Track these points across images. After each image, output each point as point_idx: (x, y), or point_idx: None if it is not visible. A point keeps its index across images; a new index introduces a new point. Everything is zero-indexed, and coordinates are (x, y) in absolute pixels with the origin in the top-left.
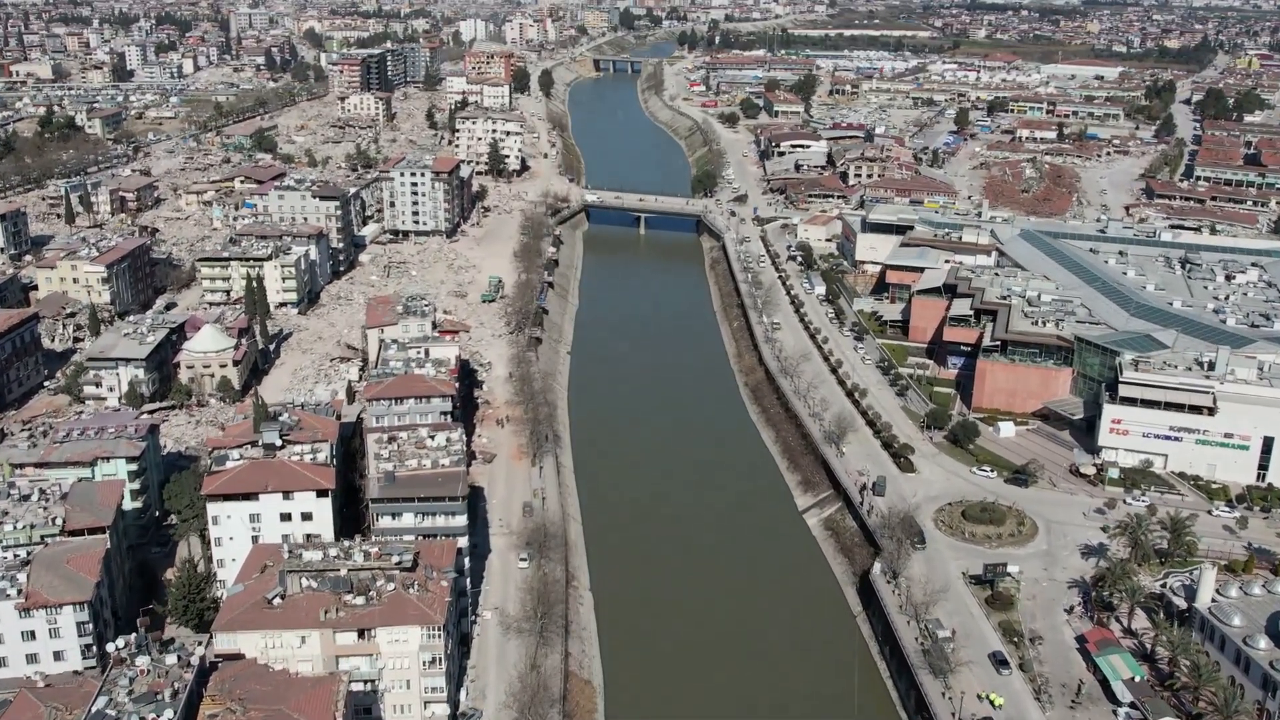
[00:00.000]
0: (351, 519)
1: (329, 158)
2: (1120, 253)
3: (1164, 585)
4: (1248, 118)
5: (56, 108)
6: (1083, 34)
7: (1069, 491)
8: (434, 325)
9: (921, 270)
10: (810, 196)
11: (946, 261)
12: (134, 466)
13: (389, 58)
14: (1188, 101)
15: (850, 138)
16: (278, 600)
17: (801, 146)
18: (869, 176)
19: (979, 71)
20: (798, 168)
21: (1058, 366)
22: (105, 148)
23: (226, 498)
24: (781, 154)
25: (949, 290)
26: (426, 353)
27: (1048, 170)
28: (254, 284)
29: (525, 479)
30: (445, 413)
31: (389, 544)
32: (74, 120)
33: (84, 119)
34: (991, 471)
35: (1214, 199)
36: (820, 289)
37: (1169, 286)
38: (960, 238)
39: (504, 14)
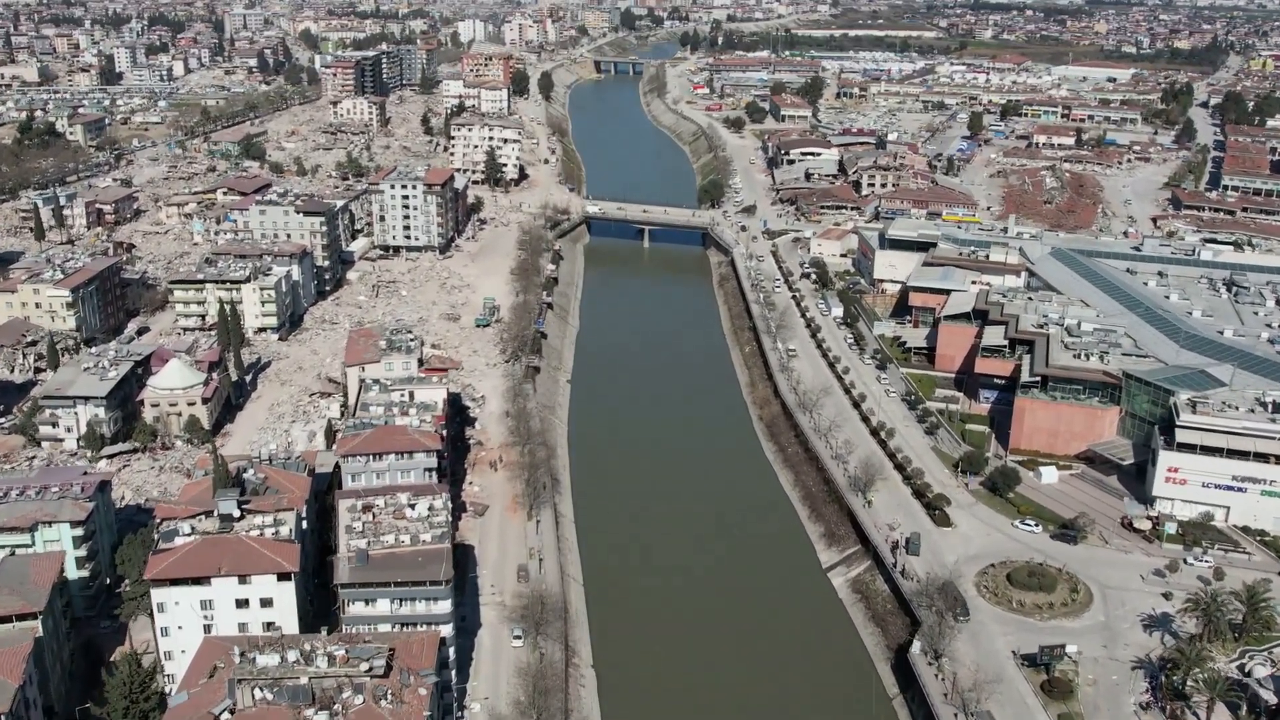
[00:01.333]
0: (325, 588)
1: (318, 166)
2: (1159, 273)
3: (1243, 669)
4: (1270, 122)
5: (40, 112)
6: (1090, 34)
7: (1123, 549)
8: (420, 362)
9: (947, 293)
10: (823, 208)
11: (974, 282)
12: (80, 531)
13: (384, 60)
14: (1205, 105)
15: (861, 144)
16: (226, 716)
17: (812, 154)
18: (883, 186)
19: (988, 73)
20: (808, 176)
21: (1103, 405)
22: (86, 155)
23: (174, 582)
24: (791, 162)
25: (979, 316)
26: (411, 396)
27: (1068, 179)
28: (228, 311)
29: (521, 535)
30: (430, 470)
31: (358, 648)
32: (54, 126)
33: (64, 125)
34: (1035, 525)
35: (1244, 210)
36: (837, 310)
37: (1217, 312)
38: (987, 256)
39: (503, 14)
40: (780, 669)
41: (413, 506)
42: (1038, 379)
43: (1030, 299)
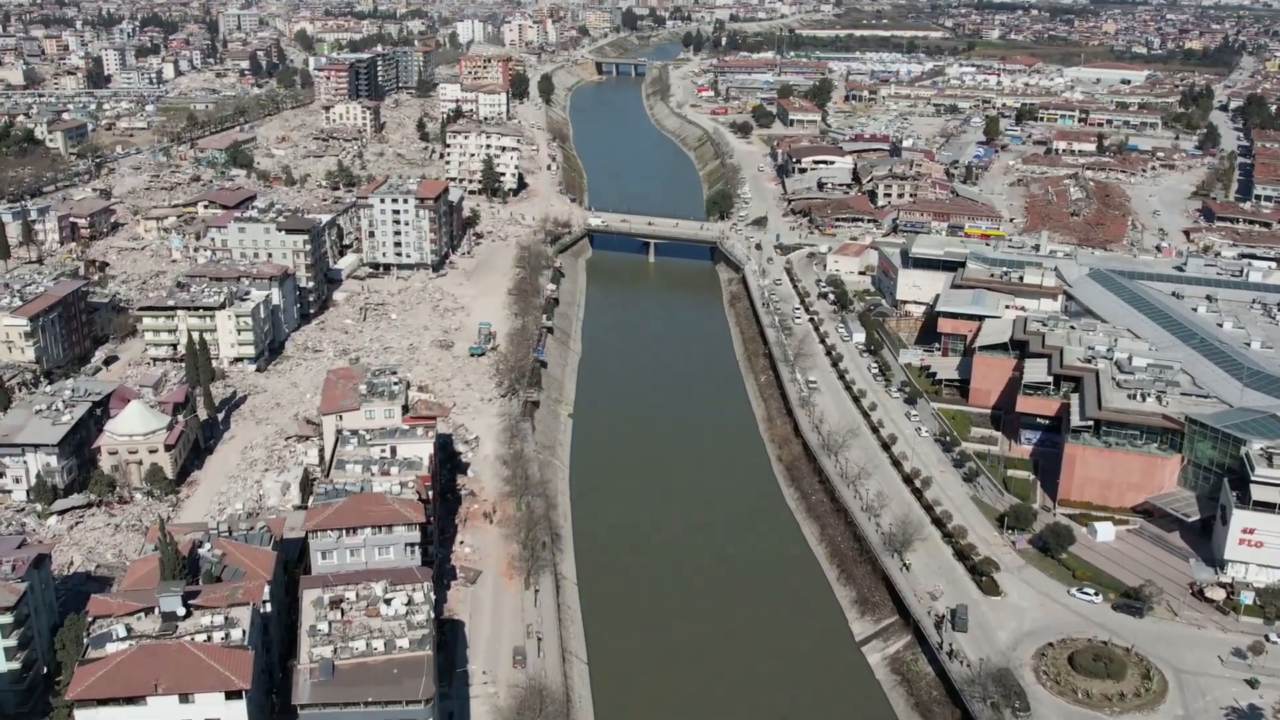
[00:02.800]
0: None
1: (308, 175)
2: (1208, 297)
3: None
4: None
5: (23, 116)
6: (1099, 34)
7: (1195, 623)
8: (405, 408)
9: (979, 319)
10: (837, 220)
11: (1007, 307)
12: (9, 618)
13: (379, 62)
14: (1224, 108)
15: (874, 150)
16: None
17: (824, 163)
18: (899, 196)
19: (999, 75)
20: (821, 186)
21: (1163, 453)
22: (66, 164)
23: (102, 702)
24: (803, 170)
25: (1016, 347)
26: (393, 452)
27: (1093, 189)
28: (197, 345)
29: (517, 607)
30: (412, 545)
31: None
32: (33, 133)
33: (44, 131)
34: (1095, 594)
35: None
36: (859, 336)
37: (1277, 344)
38: (1021, 278)
39: (503, 14)
40: None
41: (388, 601)
42: (1091, 423)
43: (1073, 328)
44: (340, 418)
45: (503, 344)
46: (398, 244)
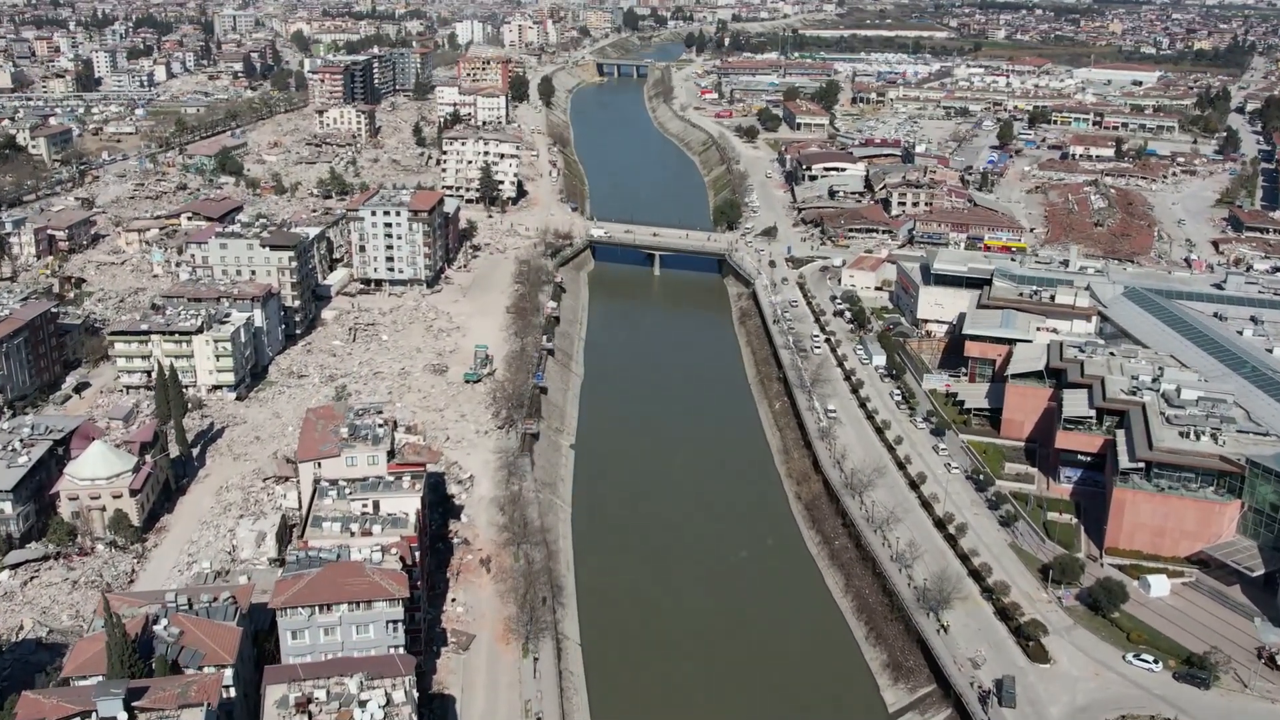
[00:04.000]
0: None
1: (299, 183)
2: (1252, 319)
3: None
4: None
5: (8, 121)
6: (1106, 34)
7: (1268, 695)
8: (391, 453)
9: (1010, 342)
10: (851, 231)
11: (1039, 329)
12: None
13: (375, 64)
14: (1241, 110)
15: (886, 156)
16: None
17: (835, 169)
18: (914, 205)
19: (1008, 76)
20: (832, 194)
21: (1221, 498)
22: (49, 171)
23: None
24: (813, 177)
25: (1052, 375)
26: (376, 507)
27: (1115, 196)
28: (168, 376)
29: (514, 678)
30: (394, 622)
31: None
32: (15, 139)
33: (26, 138)
34: (1153, 661)
35: None
36: (879, 359)
37: None
38: (1053, 297)
39: (503, 15)
40: None
41: (364, 704)
42: (1141, 465)
43: (1112, 354)
44: (319, 465)
45: (500, 369)
46: (390, 259)
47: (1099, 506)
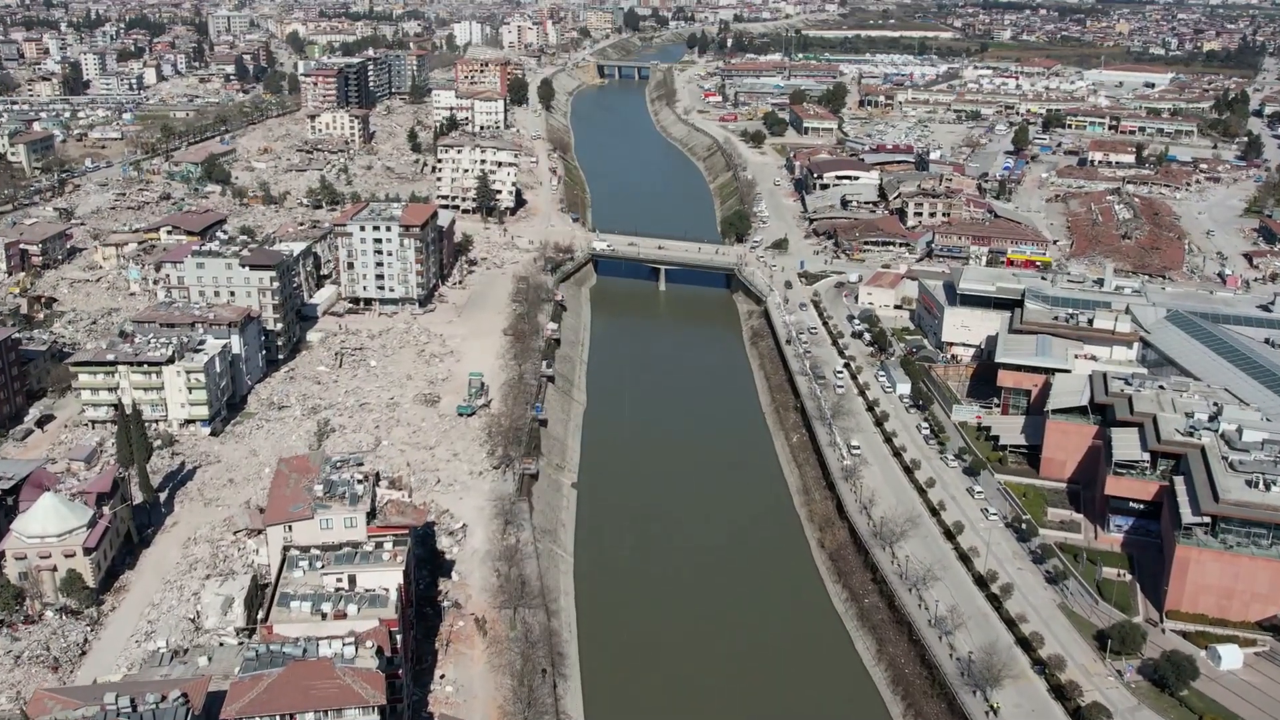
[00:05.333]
0: None
1: (288, 192)
2: None
3: None
4: None
5: None
6: (1113, 35)
7: None
8: (372, 513)
9: (1047, 372)
10: (866, 244)
11: (1077, 356)
12: None
13: (370, 67)
14: (1259, 113)
15: (899, 163)
16: None
17: (848, 178)
18: (931, 216)
19: (1017, 78)
20: (844, 204)
21: None
22: (29, 180)
23: None
24: (824, 186)
25: (1096, 411)
26: (352, 582)
27: (1139, 206)
28: (130, 416)
29: None
30: None
31: None
32: None
33: (5, 144)
34: None
35: None
36: (903, 387)
37: None
38: (1091, 321)
39: (502, 15)
40: None
41: None
42: (1207, 519)
43: (1162, 388)
44: (289, 529)
45: (496, 399)
46: (380, 276)
47: (1155, 560)
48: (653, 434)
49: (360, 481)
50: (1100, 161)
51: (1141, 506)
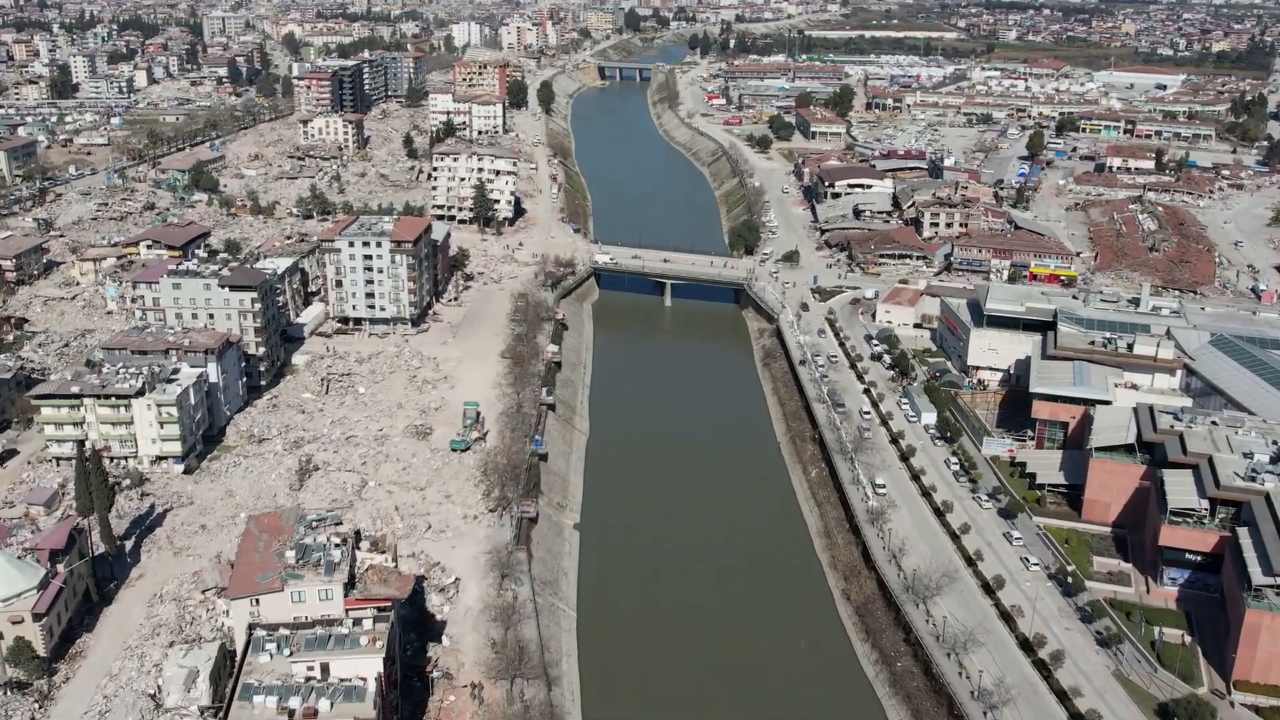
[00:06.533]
0: None
1: (277, 201)
2: None
3: None
4: None
5: None
6: (1120, 35)
7: None
8: (351, 583)
9: (1087, 403)
10: (881, 257)
11: (1117, 386)
12: None
13: (366, 70)
14: (1276, 116)
15: (912, 169)
16: None
17: (860, 186)
18: (948, 226)
19: (1026, 80)
20: (857, 213)
21: None
22: (8, 189)
23: None
24: (835, 195)
25: (1145, 449)
26: (325, 671)
27: (1164, 215)
28: (90, 459)
29: None
30: None
31: None
32: None
33: None
34: None
35: None
36: (929, 416)
37: None
38: (1131, 346)
39: (501, 16)
40: None
41: None
42: (1277, 580)
43: (1215, 423)
44: (255, 602)
45: (493, 432)
46: (370, 295)
47: (1216, 618)
48: (660, 467)
49: (338, 545)
50: (1119, 168)
51: (1199, 558)
